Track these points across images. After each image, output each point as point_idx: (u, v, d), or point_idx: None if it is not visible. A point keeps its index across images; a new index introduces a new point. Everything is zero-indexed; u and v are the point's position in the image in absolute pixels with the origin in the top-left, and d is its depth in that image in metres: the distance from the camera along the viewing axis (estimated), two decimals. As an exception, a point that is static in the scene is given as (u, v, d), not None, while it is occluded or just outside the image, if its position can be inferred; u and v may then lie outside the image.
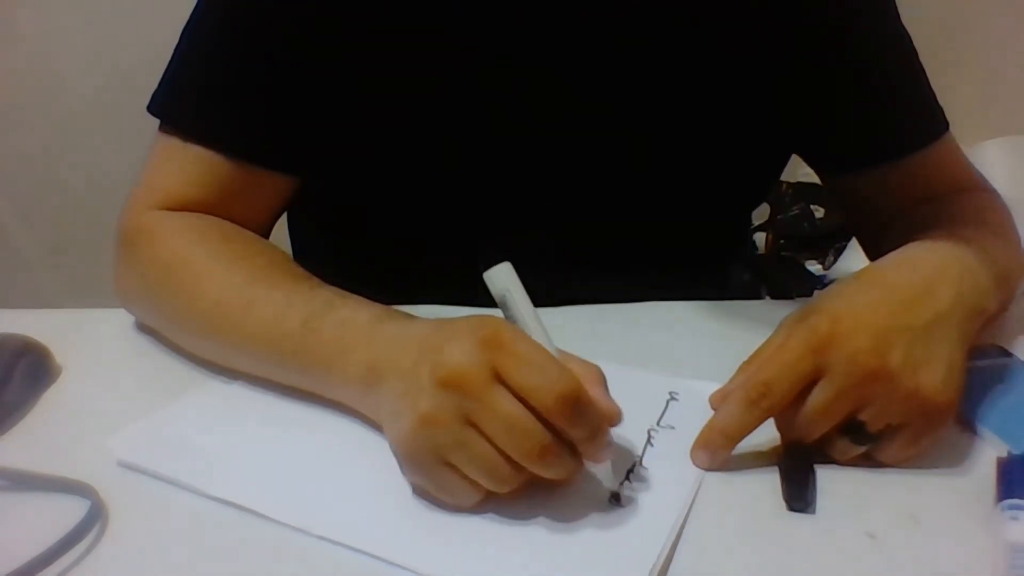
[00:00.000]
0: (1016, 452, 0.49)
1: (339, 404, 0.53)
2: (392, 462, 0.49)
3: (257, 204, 0.67)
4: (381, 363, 0.49)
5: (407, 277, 0.67)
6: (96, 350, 0.63)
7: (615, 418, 0.45)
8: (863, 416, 0.48)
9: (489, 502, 0.45)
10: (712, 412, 0.51)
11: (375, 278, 0.58)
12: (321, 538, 0.44)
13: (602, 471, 0.47)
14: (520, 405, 0.42)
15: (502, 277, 0.47)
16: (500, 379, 0.43)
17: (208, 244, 0.61)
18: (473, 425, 0.43)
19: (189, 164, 0.64)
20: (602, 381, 0.46)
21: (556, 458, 0.43)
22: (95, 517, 0.44)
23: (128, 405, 0.55)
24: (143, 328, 0.64)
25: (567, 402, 0.42)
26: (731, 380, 0.54)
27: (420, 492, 0.46)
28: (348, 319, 0.52)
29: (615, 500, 0.46)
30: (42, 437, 0.53)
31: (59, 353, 0.60)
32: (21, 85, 1.62)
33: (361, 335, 0.51)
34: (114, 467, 0.49)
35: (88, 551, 0.43)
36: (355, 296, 0.55)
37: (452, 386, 0.43)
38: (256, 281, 0.57)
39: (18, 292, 1.68)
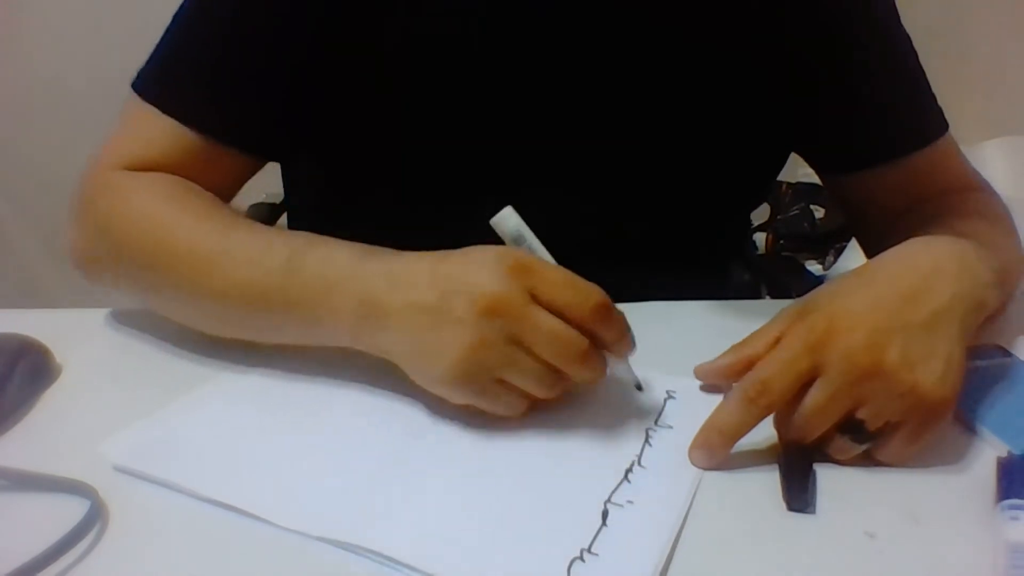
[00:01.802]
0: (1016, 452, 0.49)
1: (329, 342, 0.54)
2: (390, 461, 0.50)
3: (222, 176, 0.66)
4: (381, 300, 0.51)
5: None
6: (96, 350, 0.63)
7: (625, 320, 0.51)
8: (861, 414, 0.48)
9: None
10: (710, 412, 0.51)
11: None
12: (319, 539, 0.44)
13: (624, 367, 0.53)
14: (559, 320, 0.48)
15: (512, 217, 0.52)
16: (536, 300, 0.48)
17: (176, 198, 0.61)
18: (519, 343, 0.48)
19: (160, 132, 0.64)
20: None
21: (595, 360, 0.50)
22: (95, 517, 0.44)
23: (128, 405, 0.55)
24: (143, 328, 0.64)
25: (601, 311, 0.49)
26: (720, 357, 0.55)
27: (468, 411, 0.51)
28: (329, 255, 0.54)
29: (639, 388, 0.55)
30: (42, 437, 0.53)
31: (59, 353, 0.60)
32: (21, 85, 1.62)
33: (346, 271, 0.52)
34: (112, 467, 0.49)
35: (88, 551, 0.43)
36: (332, 237, 0.56)
37: (496, 313, 0.47)
38: (231, 228, 0.58)
39: (18, 292, 1.68)
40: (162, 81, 0.65)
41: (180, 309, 0.59)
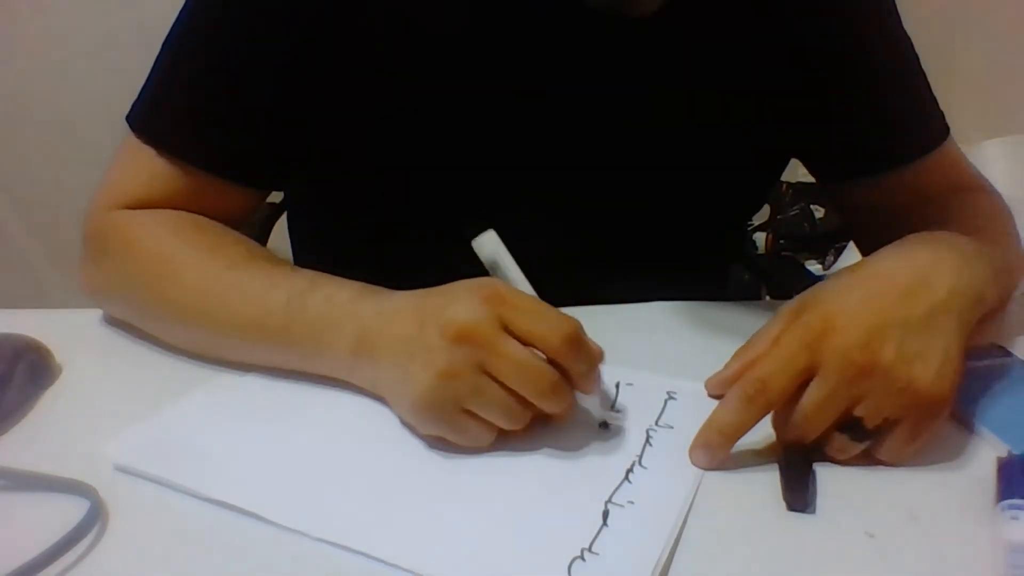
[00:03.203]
0: (1016, 452, 0.49)
1: (327, 377, 0.56)
2: (390, 462, 0.50)
3: (224, 209, 0.67)
4: (372, 335, 0.52)
5: (407, 274, 0.68)
6: (96, 350, 0.63)
7: (601, 356, 0.51)
8: (859, 412, 0.48)
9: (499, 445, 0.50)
10: (710, 413, 0.51)
11: (372, 278, 0.58)
12: (320, 540, 0.44)
13: (591, 402, 0.52)
14: (528, 350, 0.47)
15: (491, 242, 0.52)
16: (507, 330, 0.47)
17: (183, 236, 0.62)
18: (487, 373, 0.47)
19: (159, 169, 0.64)
20: (582, 328, 0.50)
21: (563, 392, 0.49)
22: (95, 517, 0.44)
23: (128, 405, 0.55)
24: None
25: (571, 343, 0.48)
26: (726, 366, 0.55)
27: (435, 442, 0.50)
28: (332, 295, 0.55)
29: (604, 427, 0.52)
30: (42, 437, 0.53)
31: (59, 353, 0.60)
32: (22, 85, 1.62)
33: (345, 310, 0.54)
34: (114, 467, 0.49)
35: (88, 551, 0.43)
36: (334, 276, 0.57)
37: (465, 340, 0.47)
38: (236, 266, 0.59)
39: (18, 292, 1.68)
40: (157, 118, 0.65)
41: (187, 341, 0.60)
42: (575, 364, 0.48)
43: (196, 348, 0.60)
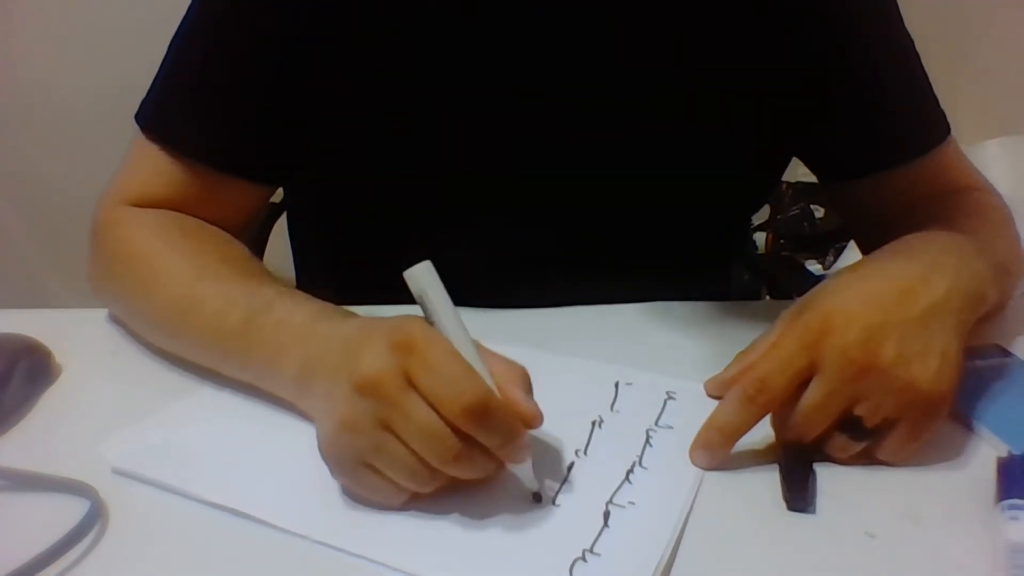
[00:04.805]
0: (1016, 452, 0.49)
1: (282, 400, 0.54)
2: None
3: (229, 208, 0.68)
4: (312, 362, 0.50)
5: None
6: (96, 350, 0.63)
7: (533, 421, 0.45)
8: (859, 411, 0.48)
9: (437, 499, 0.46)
10: (710, 413, 0.51)
11: (373, 278, 0.58)
12: (319, 543, 0.44)
13: (522, 471, 0.46)
14: (432, 411, 0.42)
15: (420, 277, 0.45)
16: (413, 385, 0.43)
17: (167, 239, 0.62)
18: (390, 429, 0.43)
19: (165, 167, 0.65)
20: (523, 383, 0.46)
21: (470, 462, 0.44)
22: (95, 517, 0.44)
23: (128, 405, 0.55)
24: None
25: (473, 414, 0.42)
26: (726, 369, 0.55)
27: (348, 492, 0.47)
28: (285, 320, 0.53)
29: (537, 499, 0.46)
30: (42, 437, 0.53)
31: (59, 353, 0.60)
32: (21, 86, 1.62)
33: (296, 335, 0.52)
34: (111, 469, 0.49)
35: (88, 551, 0.43)
36: (297, 294, 0.57)
37: (367, 392, 0.43)
38: (204, 279, 0.59)
39: (18, 292, 1.68)
40: (162, 115, 0.66)
41: (163, 344, 0.61)
42: (484, 436, 0.43)
43: (172, 351, 0.60)
